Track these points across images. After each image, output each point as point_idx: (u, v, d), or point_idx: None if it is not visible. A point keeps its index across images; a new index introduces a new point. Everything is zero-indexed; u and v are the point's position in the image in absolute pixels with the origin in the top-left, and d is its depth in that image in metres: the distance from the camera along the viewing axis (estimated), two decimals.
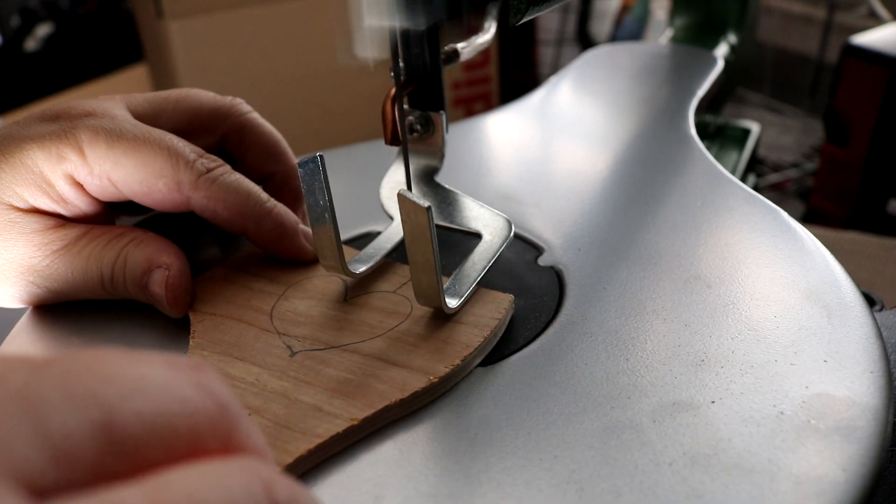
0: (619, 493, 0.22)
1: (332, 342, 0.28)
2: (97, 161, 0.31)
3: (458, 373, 0.27)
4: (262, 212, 0.33)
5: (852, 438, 0.22)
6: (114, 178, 0.31)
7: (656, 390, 0.25)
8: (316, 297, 0.31)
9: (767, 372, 0.25)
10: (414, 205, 0.25)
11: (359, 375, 0.26)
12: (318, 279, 0.33)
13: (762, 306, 0.29)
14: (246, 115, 0.36)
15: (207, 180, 0.32)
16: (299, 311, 0.30)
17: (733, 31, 0.67)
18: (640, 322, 0.29)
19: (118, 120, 0.32)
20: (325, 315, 0.30)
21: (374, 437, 0.25)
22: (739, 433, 0.23)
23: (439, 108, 0.34)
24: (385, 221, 0.37)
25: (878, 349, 0.26)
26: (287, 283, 0.32)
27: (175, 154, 0.32)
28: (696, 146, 0.43)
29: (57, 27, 1.84)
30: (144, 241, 0.32)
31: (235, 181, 0.33)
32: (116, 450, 0.13)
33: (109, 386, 0.13)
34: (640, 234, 0.35)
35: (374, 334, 0.29)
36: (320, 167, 0.28)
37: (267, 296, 0.32)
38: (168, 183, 0.32)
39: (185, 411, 0.14)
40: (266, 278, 0.33)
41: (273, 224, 0.33)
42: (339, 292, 0.32)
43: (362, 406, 0.25)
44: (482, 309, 0.29)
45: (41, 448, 0.12)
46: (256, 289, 0.32)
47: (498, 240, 0.33)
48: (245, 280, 0.33)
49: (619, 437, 0.24)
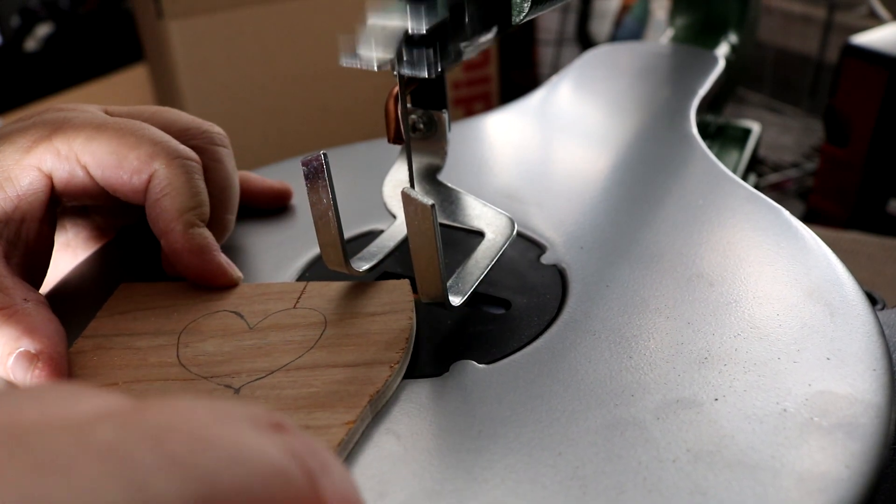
0: (622, 489, 0.22)
1: (270, 367, 0.27)
2: (65, 142, 0.30)
3: (407, 356, 0.28)
4: (194, 223, 0.32)
5: (855, 435, 0.22)
6: (82, 156, 0.30)
7: (660, 388, 0.25)
8: (217, 334, 0.30)
9: (770, 369, 0.25)
10: (418, 202, 0.25)
11: (321, 386, 0.26)
12: (204, 319, 0.31)
13: (765, 304, 0.29)
14: (215, 146, 0.35)
15: (181, 164, 0.31)
16: (210, 351, 0.29)
17: (734, 30, 0.67)
18: (643, 320, 0.29)
19: (90, 113, 0.32)
20: (241, 347, 0.29)
21: (377, 434, 0.25)
22: (743, 430, 0.23)
23: (442, 106, 0.34)
24: (387, 220, 0.37)
25: (880, 347, 0.26)
26: (173, 332, 0.30)
27: (154, 134, 0.31)
28: (698, 145, 0.43)
29: (57, 27, 1.84)
30: (17, 312, 0.28)
31: (200, 186, 0.32)
32: None
33: (208, 453, 0.12)
34: (643, 233, 0.35)
35: (307, 347, 0.28)
36: (324, 165, 0.28)
37: (162, 349, 0.29)
38: (140, 155, 0.31)
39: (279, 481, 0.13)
40: (146, 334, 0.30)
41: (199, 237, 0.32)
42: (239, 323, 0.30)
43: (347, 409, 0.25)
44: (389, 296, 0.30)
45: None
46: (143, 347, 0.29)
47: (501, 238, 0.33)
48: (123, 343, 0.30)
49: (623, 434, 0.24)
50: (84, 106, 0.33)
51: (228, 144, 0.36)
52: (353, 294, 0.31)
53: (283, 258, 0.36)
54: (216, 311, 0.31)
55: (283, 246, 0.37)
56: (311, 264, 0.36)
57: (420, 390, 0.27)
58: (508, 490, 0.22)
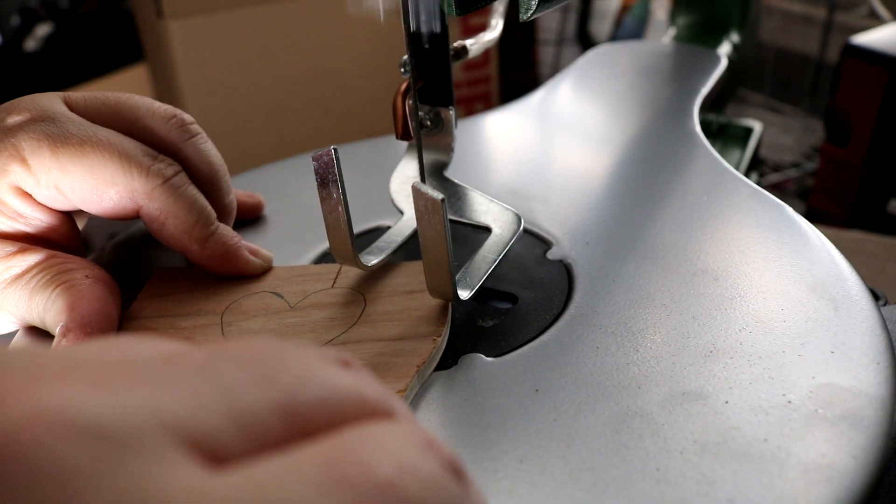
0: (631, 479, 0.22)
1: (317, 342, 0.28)
2: (42, 170, 0.29)
3: (447, 329, 0.28)
4: (206, 234, 0.32)
5: (859, 427, 0.23)
6: (61, 186, 0.30)
7: (666, 380, 0.26)
8: (260, 313, 0.30)
9: (775, 363, 0.26)
10: (428, 197, 0.26)
11: (369, 358, 0.27)
12: (245, 300, 0.31)
13: (769, 299, 0.29)
14: (188, 141, 0.33)
15: (164, 191, 0.31)
16: (256, 329, 0.29)
17: (736, 30, 0.67)
18: (649, 314, 0.29)
19: (59, 121, 0.30)
20: (286, 324, 0.29)
21: None
22: (748, 422, 0.23)
23: (448, 103, 0.35)
24: (394, 215, 0.37)
25: (883, 341, 0.26)
26: (216, 312, 0.31)
27: (127, 158, 0.30)
28: (702, 143, 0.44)
29: (57, 27, 1.85)
30: (73, 286, 0.29)
31: (191, 197, 0.32)
32: (297, 429, 0.13)
33: (286, 372, 0.14)
34: (648, 229, 0.35)
35: (350, 323, 0.29)
36: (334, 160, 0.28)
37: (206, 328, 0.30)
38: (120, 191, 0.30)
39: (353, 396, 0.14)
40: (190, 314, 0.31)
41: (216, 245, 0.32)
42: (280, 303, 0.31)
43: (397, 378, 0.26)
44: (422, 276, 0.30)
45: (232, 422, 0.13)
46: (189, 326, 0.30)
47: (508, 233, 0.33)
48: (169, 323, 0.30)
49: (631, 426, 0.24)
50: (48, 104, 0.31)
51: (198, 128, 0.34)
52: (386, 274, 0.32)
53: (280, 259, 0.36)
54: (256, 292, 0.32)
55: (282, 246, 0.38)
56: (319, 259, 0.36)
57: (429, 383, 0.27)
58: (518, 480, 0.22)
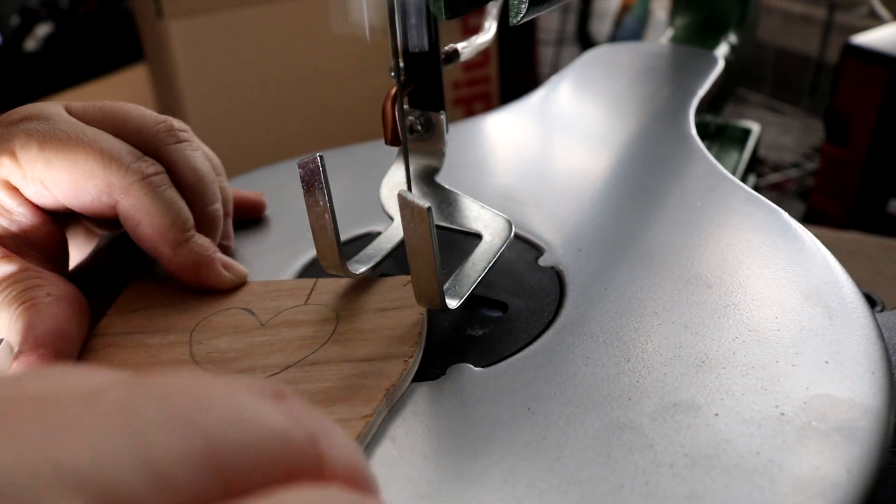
0: (620, 493, 0.21)
1: (285, 363, 0.27)
2: (29, 163, 0.30)
3: (419, 350, 0.28)
4: (180, 239, 0.31)
5: (854, 439, 0.22)
6: (45, 180, 0.30)
7: (657, 391, 0.25)
8: (229, 331, 0.30)
9: (768, 373, 0.25)
10: (414, 205, 0.25)
11: (336, 381, 0.26)
12: (216, 316, 0.31)
13: (763, 307, 0.29)
14: (172, 145, 0.33)
15: (142, 187, 0.31)
16: (223, 348, 0.29)
17: (734, 30, 0.67)
18: (641, 323, 0.29)
19: (53, 120, 0.31)
20: (254, 343, 0.29)
21: (373, 438, 0.25)
22: (740, 434, 0.23)
23: (439, 108, 0.34)
24: (385, 222, 0.37)
25: (879, 350, 0.26)
26: (185, 329, 0.30)
27: (108, 155, 0.30)
28: (697, 146, 0.43)
29: (57, 27, 1.85)
30: (34, 305, 0.29)
31: (169, 199, 0.31)
32: (218, 480, 0.12)
33: (210, 413, 0.13)
34: (641, 235, 0.35)
35: (320, 343, 0.28)
36: (320, 167, 0.28)
37: (174, 346, 0.29)
38: (98, 185, 0.30)
39: (281, 442, 0.13)
40: (158, 332, 0.30)
41: (188, 253, 0.32)
42: (250, 320, 0.30)
43: (364, 402, 0.25)
44: (400, 292, 0.30)
45: (144, 475, 0.11)
46: (156, 344, 0.29)
47: (498, 240, 0.33)
48: (136, 340, 0.30)
49: (620, 438, 0.23)
50: (45, 106, 0.32)
51: (190, 134, 0.34)
52: (363, 290, 0.31)
53: (279, 261, 0.36)
54: (227, 308, 0.31)
55: (280, 249, 0.37)
56: (307, 267, 0.36)
57: (416, 394, 0.27)
58: (505, 494, 0.22)
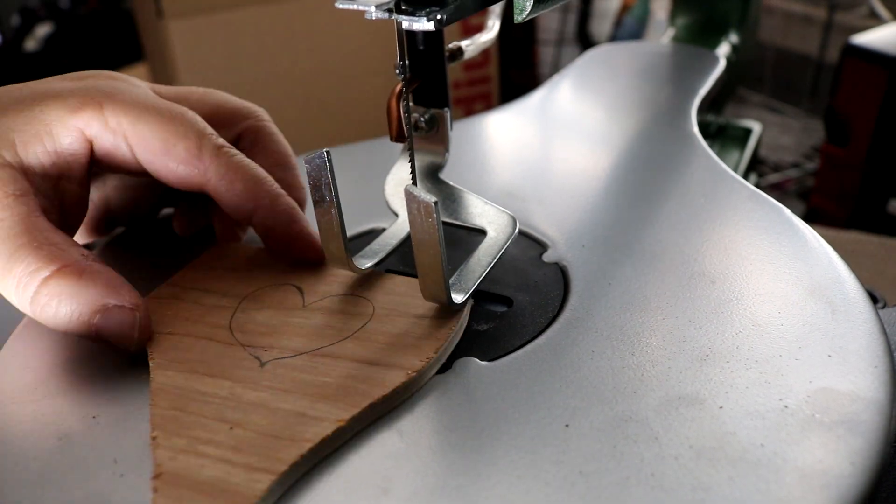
0: (626, 486, 0.22)
1: (301, 349, 0.28)
2: (114, 115, 0.30)
3: (433, 365, 0.27)
4: (277, 192, 0.32)
5: (857, 432, 0.22)
6: (130, 136, 0.30)
7: (662, 385, 0.25)
8: (273, 306, 0.31)
9: (772, 367, 0.26)
10: (421, 199, 0.25)
11: (336, 378, 0.26)
12: (271, 289, 0.32)
13: (766, 302, 0.29)
14: (265, 121, 0.37)
15: (234, 153, 0.32)
16: (259, 321, 0.30)
17: (735, 30, 0.67)
18: (645, 318, 0.29)
19: (141, 90, 0.32)
20: (287, 323, 0.30)
21: (380, 431, 0.25)
22: (745, 427, 0.23)
23: (444, 105, 0.34)
24: (389, 218, 0.37)
25: (881, 345, 0.26)
26: (239, 295, 0.32)
27: (197, 123, 0.32)
28: (699, 144, 0.43)
29: (57, 27, 1.85)
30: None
31: (253, 163, 0.33)
32: None
33: None
34: (644, 232, 0.35)
35: (342, 336, 0.28)
36: (327, 163, 0.28)
37: (222, 310, 0.31)
38: (189, 147, 0.31)
39: None
40: (217, 293, 0.32)
41: (287, 205, 0.32)
42: (296, 299, 0.31)
43: (346, 407, 0.25)
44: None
45: None
46: (209, 304, 0.31)
47: (503, 236, 0.33)
48: (195, 297, 0.32)
49: (626, 431, 0.24)
50: (134, 80, 0.33)
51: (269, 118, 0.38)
52: (415, 292, 0.30)
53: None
54: (282, 283, 0.32)
55: None
56: None
57: (423, 388, 0.27)
58: (512, 487, 0.22)
